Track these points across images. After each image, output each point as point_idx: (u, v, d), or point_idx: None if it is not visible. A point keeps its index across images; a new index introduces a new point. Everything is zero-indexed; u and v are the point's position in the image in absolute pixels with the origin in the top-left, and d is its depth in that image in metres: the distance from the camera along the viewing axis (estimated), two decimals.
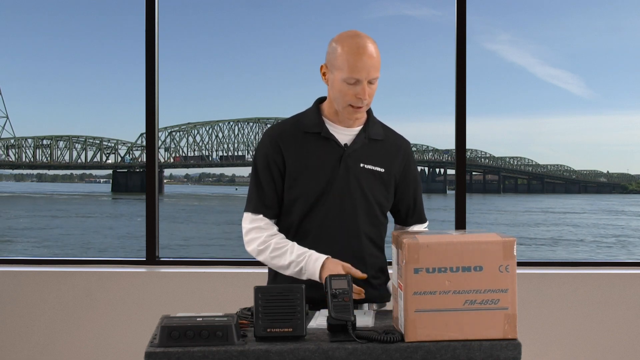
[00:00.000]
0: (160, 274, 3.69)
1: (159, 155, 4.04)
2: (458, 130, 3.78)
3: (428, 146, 59.53)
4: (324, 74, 2.13)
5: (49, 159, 58.79)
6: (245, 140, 60.60)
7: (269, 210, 2.13)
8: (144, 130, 3.80)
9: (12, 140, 58.70)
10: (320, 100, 2.21)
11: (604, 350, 3.63)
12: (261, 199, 2.13)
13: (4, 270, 3.69)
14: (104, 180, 65.31)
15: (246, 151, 60.17)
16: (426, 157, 58.31)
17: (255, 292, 1.69)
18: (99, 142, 59.73)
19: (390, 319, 1.91)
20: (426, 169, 58.52)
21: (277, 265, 2.09)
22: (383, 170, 2.16)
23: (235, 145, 60.49)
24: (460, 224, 3.78)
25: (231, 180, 69.77)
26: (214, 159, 60.65)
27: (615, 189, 60.55)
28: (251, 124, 60.40)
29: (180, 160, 60.40)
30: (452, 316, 1.67)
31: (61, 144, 59.15)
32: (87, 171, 64.86)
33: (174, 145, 59.66)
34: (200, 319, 1.68)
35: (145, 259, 3.77)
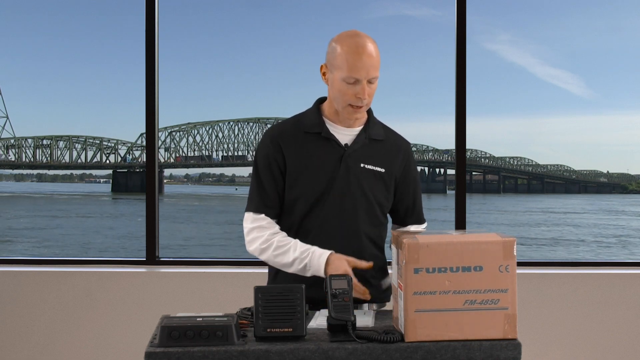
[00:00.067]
0: (160, 274, 3.69)
1: (159, 155, 4.04)
2: (458, 130, 3.78)
3: (428, 146, 59.59)
4: (324, 74, 2.13)
5: (49, 159, 58.81)
6: (245, 140, 60.66)
7: (271, 210, 2.13)
8: (144, 130, 3.80)
9: (12, 140, 58.72)
10: (321, 100, 2.21)
11: (604, 350, 3.63)
12: (263, 198, 2.13)
13: (4, 270, 3.69)
14: (104, 180, 65.36)
15: (246, 151, 60.19)
16: (426, 157, 58.32)
17: (255, 292, 1.69)
18: (99, 142, 59.74)
19: (390, 319, 1.91)
20: (426, 169, 58.54)
21: (281, 263, 2.08)
22: (383, 170, 2.16)
23: (235, 145, 60.54)
24: (460, 224, 3.78)
25: (231, 180, 69.80)
26: (216, 158, 60.67)
27: (615, 189, 60.57)
28: (251, 124, 60.42)
29: (181, 160, 60.42)
30: (452, 316, 1.67)
31: (61, 144, 59.19)
32: (87, 171, 64.90)
33: (174, 145, 59.70)
34: (200, 319, 1.68)
35: (145, 259, 3.77)
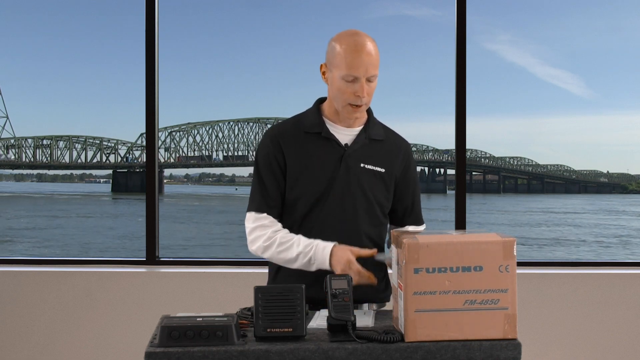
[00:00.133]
0: (160, 274, 3.69)
1: (159, 155, 4.04)
2: (458, 130, 3.78)
3: (428, 146, 59.56)
4: (324, 73, 2.14)
5: (49, 159, 58.80)
6: (245, 140, 60.65)
7: (273, 209, 2.13)
8: (144, 130, 3.81)
9: (12, 140, 58.71)
10: (321, 100, 2.21)
11: (604, 350, 3.63)
12: (264, 198, 2.13)
13: (4, 270, 3.69)
14: (104, 180, 65.35)
15: (246, 151, 60.19)
16: (426, 157, 58.31)
17: (255, 292, 1.69)
18: (99, 142, 59.73)
19: (390, 319, 1.91)
20: (426, 169, 58.52)
21: (285, 258, 2.08)
22: (383, 170, 2.16)
23: (236, 145, 60.53)
24: (460, 224, 3.78)
25: (231, 180, 69.80)
26: (216, 158, 60.67)
27: (615, 189, 60.55)
28: (251, 124, 60.41)
29: (182, 160, 60.41)
30: (452, 316, 1.67)
31: (61, 144, 59.16)
32: (87, 171, 64.88)
33: (174, 145, 59.70)
34: (200, 319, 1.68)
35: (145, 259, 3.77)
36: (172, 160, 60.00)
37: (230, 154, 60.38)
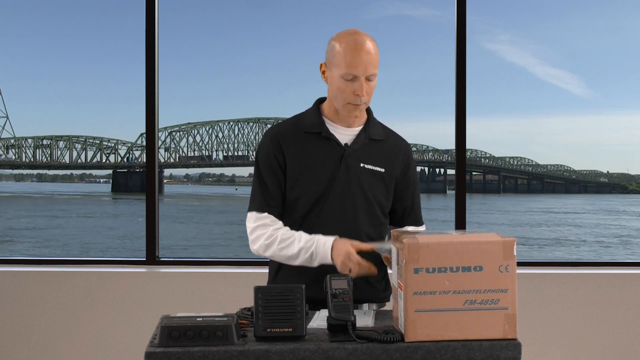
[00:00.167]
0: (160, 274, 3.69)
1: (159, 155, 4.04)
2: (458, 130, 3.78)
3: (428, 146, 59.54)
4: (324, 73, 2.14)
5: (49, 159, 58.80)
6: (245, 140, 60.64)
7: (274, 208, 2.14)
8: (144, 130, 3.81)
9: (12, 140, 58.70)
10: (321, 100, 2.21)
11: (604, 350, 3.63)
12: (265, 197, 2.13)
13: (4, 270, 3.69)
14: (104, 180, 65.34)
15: (246, 151, 60.18)
16: (426, 157, 58.29)
17: (255, 292, 1.69)
18: (99, 142, 59.72)
19: (390, 319, 1.91)
20: (426, 169, 58.50)
21: (287, 255, 2.08)
22: (383, 170, 2.16)
23: (236, 145, 60.52)
24: (460, 224, 3.78)
25: (231, 180, 69.79)
26: (216, 158, 60.67)
27: (615, 189, 60.54)
28: (251, 124, 60.40)
29: (182, 160, 60.41)
30: (452, 316, 1.66)
31: (61, 144, 59.15)
32: (87, 171, 64.87)
33: (174, 145, 59.70)
34: (200, 319, 1.68)
35: (145, 259, 3.77)
36: (172, 160, 60.00)
37: (230, 154, 60.39)
